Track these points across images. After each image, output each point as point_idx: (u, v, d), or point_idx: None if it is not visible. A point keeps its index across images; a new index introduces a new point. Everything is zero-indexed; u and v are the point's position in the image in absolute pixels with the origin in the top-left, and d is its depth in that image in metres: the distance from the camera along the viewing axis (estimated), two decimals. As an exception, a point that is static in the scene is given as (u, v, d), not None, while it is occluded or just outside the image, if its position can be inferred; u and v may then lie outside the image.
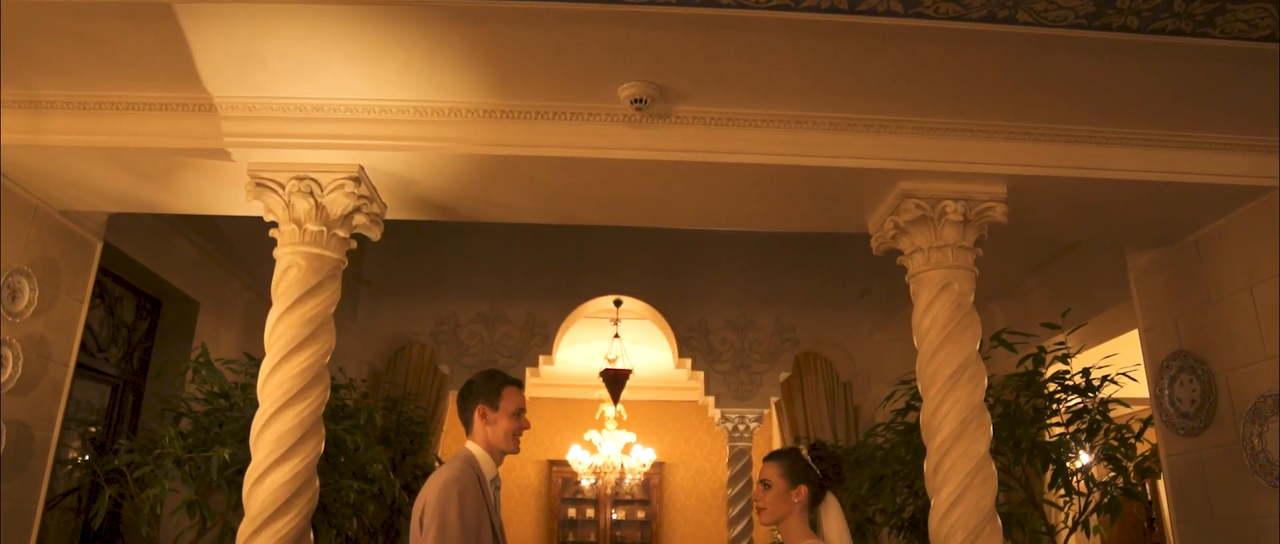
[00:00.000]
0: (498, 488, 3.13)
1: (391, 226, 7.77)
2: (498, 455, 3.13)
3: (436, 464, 6.97)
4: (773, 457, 3.05)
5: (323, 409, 3.58)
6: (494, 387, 3.14)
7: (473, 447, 3.11)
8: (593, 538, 12.12)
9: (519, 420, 3.14)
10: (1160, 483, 9.92)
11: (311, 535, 3.51)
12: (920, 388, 3.85)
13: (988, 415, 3.72)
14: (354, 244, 3.93)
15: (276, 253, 3.76)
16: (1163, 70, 3.38)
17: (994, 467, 3.66)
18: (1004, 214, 3.92)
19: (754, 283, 7.83)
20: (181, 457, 4.27)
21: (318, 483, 3.55)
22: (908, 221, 3.89)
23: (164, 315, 6.29)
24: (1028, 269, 6.56)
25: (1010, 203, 3.94)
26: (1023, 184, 3.91)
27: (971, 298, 3.85)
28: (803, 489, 2.94)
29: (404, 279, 7.69)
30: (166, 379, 5.26)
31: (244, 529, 3.39)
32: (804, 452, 3.01)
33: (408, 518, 6.49)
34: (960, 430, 3.63)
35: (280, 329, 3.60)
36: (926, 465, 3.75)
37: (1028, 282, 6.59)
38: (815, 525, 2.97)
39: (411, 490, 6.53)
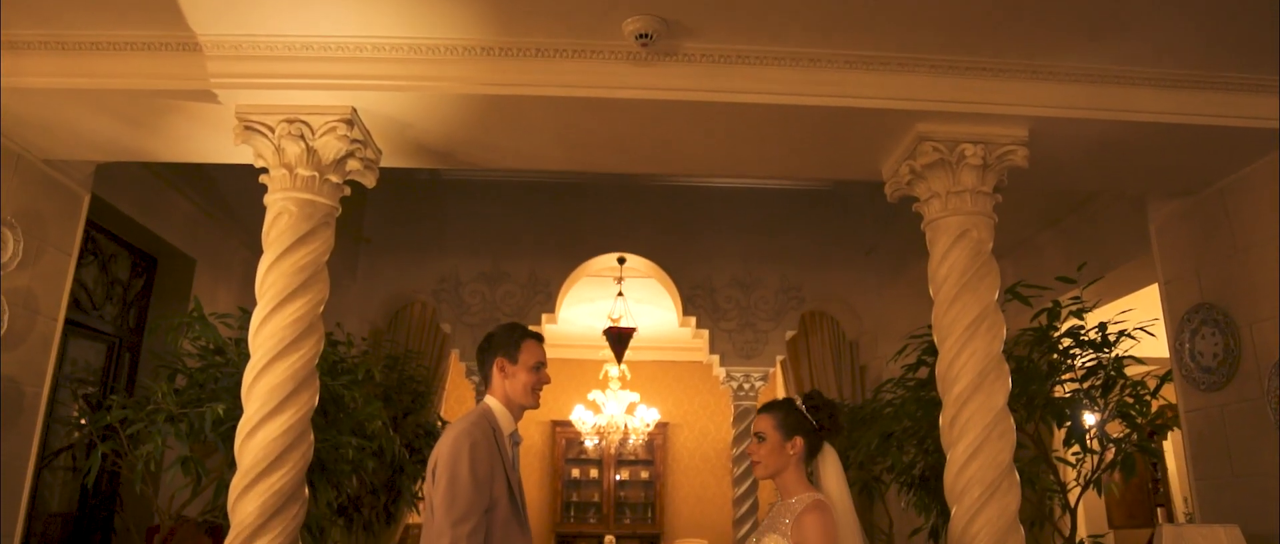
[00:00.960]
0: (517, 444, 3.00)
1: (391, 183, 7.66)
2: (516, 411, 3.01)
3: (439, 423, 6.85)
4: (767, 408, 2.92)
5: (316, 361, 3.43)
6: (513, 339, 3.01)
7: (491, 401, 2.99)
8: (596, 498, 12.06)
9: (539, 375, 3.01)
10: (1166, 443, 9.83)
11: (307, 491, 3.37)
12: (936, 339, 3.68)
13: (1006, 367, 3.56)
14: (347, 191, 3.75)
15: (267, 199, 3.58)
16: (1192, 7, 3.18)
17: (1012, 420, 3.51)
18: (1025, 158, 3.73)
19: (760, 240, 7.66)
20: (175, 413, 4.12)
21: (312, 437, 3.41)
22: (924, 166, 3.71)
23: (160, 273, 6.15)
24: (1040, 224, 6.38)
25: (1031, 147, 3.75)
26: (1044, 127, 3.72)
27: (990, 245, 3.67)
28: (798, 440, 2.82)
29: (405, 237, 7.53)
30: (160, 335, 5.10)
31: (236, 484, 3.25)
32: (799, 402, 2.89)
33: (410, 476, 6.39)
34: (978, 382, 3.47)
35: (271, 278, 3.43)
36: (942, 418, 3.59)
37: (1040, 237, 6.41)
38: (812, 478, 2.85)
39: (413, 449, 6.41)
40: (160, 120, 3.83)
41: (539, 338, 3.09)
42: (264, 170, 3.67)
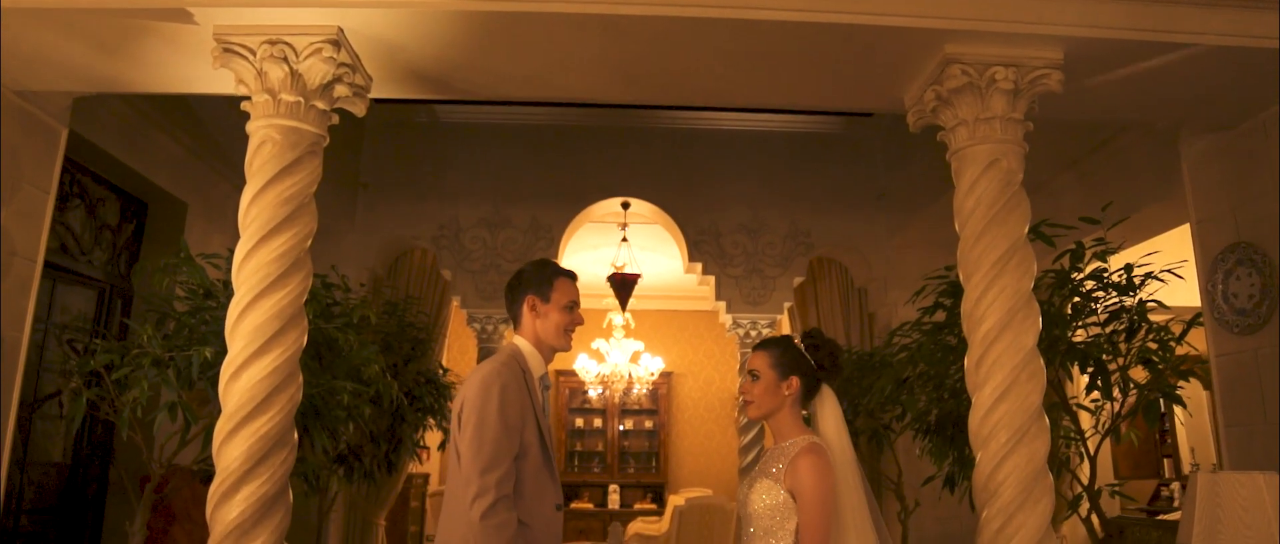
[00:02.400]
0: (546, 388, 2.79)
1: (389, 127, 7.38)
2: (547, 352, 2.82)
3: (440, 371, 6.64)
4: (763, 345, 2.71)
5: (304, 298, 3.19)
6: (545, 277, 2.82)
7: (520, 341, 2.79)
8: (600, 448, 11.92)
9: (572, 315, 2.83)
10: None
11: (296, 435, 3.15)
12: (961, 276, 3.43)
13: (1036, 305, 3.32)
14: (335, 119, 3.48)
15: (249, 127, 3.32)
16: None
17: (1042, 361, 3.28)
18: (1059, 83, 3.44)
19: (767, 185, 7.39)
20: (161, 357, 3.90)
21: (301, 379, 3.18)
22: (951, 91, 3.42)
23: (151, 217, 5.92)
24: (1060, 165, 6.11)
25: (1064, 71, 3.47)
26: (1079, 49, 3.42)
27: (1020, 176, 3.41)
28: (794, 381, 2.62)
29: (404, 182, 7.27)
30: (147, 279, 4.87)
31: (221, 427, 3.03)
32: (797, 340, 2.67)
33: (411, 425, 6.20)
34: (1006, 321, 3.23)
35: (255, 210, 3.19)
36: (968, 360, 3.36)
37: (1059, 179, 6.14)
38: (809, 421, 2.66)
39: (414, 397, 6.21)
40: (135, 45, 3.54)
41: (572, 275, 2.89)
42: (246, 98, 3.40)
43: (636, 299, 8.22)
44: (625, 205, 7.35)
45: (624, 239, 7.78)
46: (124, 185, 5.59)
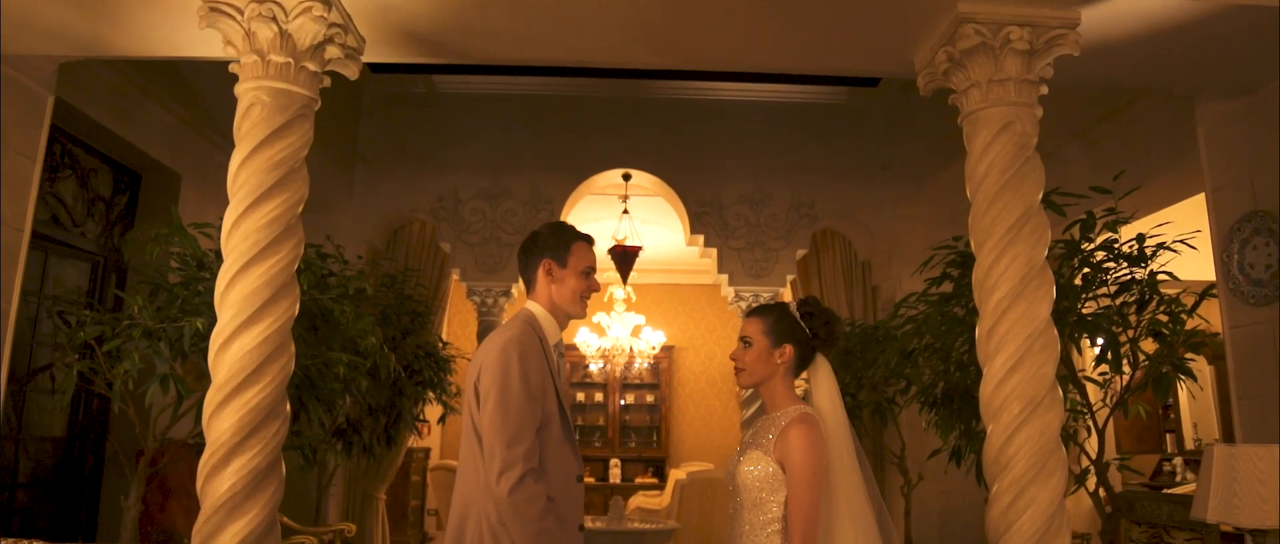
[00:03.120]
0: (561, 356, 2.66)
1: (386, 98, 7.24)
2: (562, 318, 2.69)
3: (439, 344, 6.54)
4: (756, 311, 2.60)
5: (295, 266, 3.08)
6: (563, 240, 2.68)
7: (534, 307, 2.66)
8: (601, 422, 11.85)
9: (588, 281, 2.70)
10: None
11: (288, 407, 3.05)
12: (973, 243, 3.32)
13: (1050, 273, 3.20)
14: (327, 82, 3.35)
15: (237, 90, 3.19)
16: None
17: (1056, 331, 3.17)
18: (1075, 45, 3.31)
19: (770, 156, 7.25)
20: (152, 328, 3.79)
21: (293, 349, 3.07)
22: (964, 52, 3.29)
23: (145, 189, 5.79)
24: (1066, 135, 5.97)
25: (1082, 33, 3.33)
26: (1098, 8, 3.29)
27: (1035, 141, 3.29)
28: (788, 349, 2.51)
29: (402, 153, 7.13)
30: (138, 250, 4.76)
31: (211, 399, 2.93)
32: (793, 308, 2.56)
33: (410, 398, 6.11)
34: (1020, 289, 3.11)
35: (244, 175, 3.07)
36: (979, 330, 3.25)
37: (1066, 149, 6.00)
38: (807, 398, 2.54)
39: (413, 371, 6.12)
40: (121, 7, 3.41)
41: (590, 240, 2.75)
42: (235, 61, 3.26)
43: (638, 273, 8.11)
44: (626, 177, 7.22)
45: (625, 211, 7.65)
46: (116, 156, 5.46)
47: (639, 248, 7.41)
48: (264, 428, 2.92)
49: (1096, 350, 4.46)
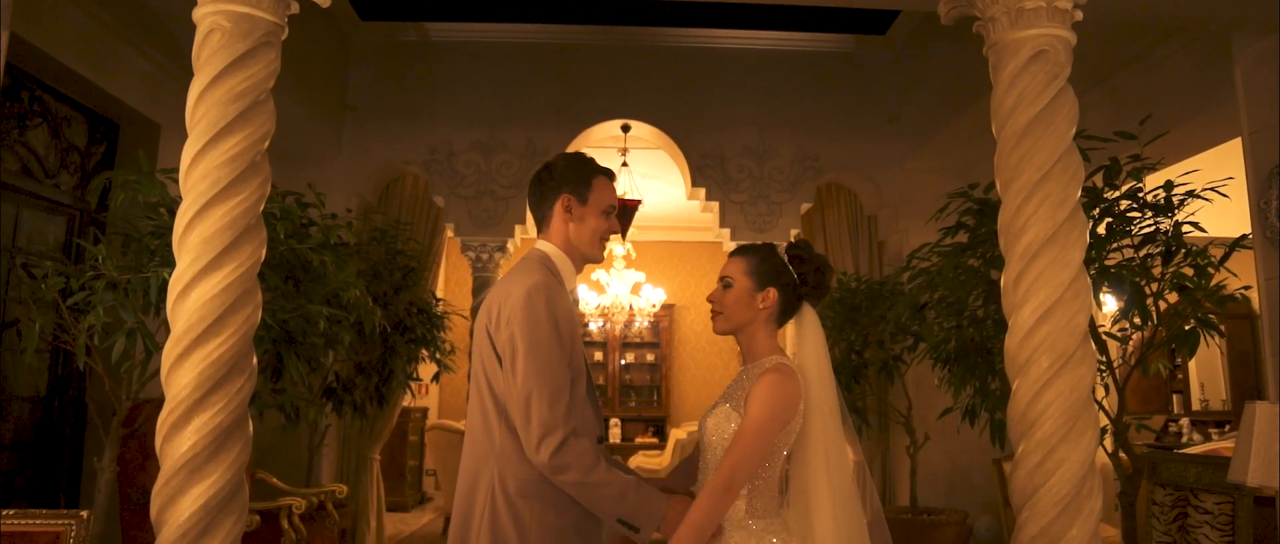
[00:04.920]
0: (575, 303, 2.35)
1: (377, 47, 6.88)
2: (579, 261, 2.37)
3: (432, 299, 6.27)
4: (740, 251, 2.34)
5: (261, 206, 2.78)
6: (583, 174, 2.35)
7: (548, 247, 2.34)
8: (601, 381, 11.63)
9: (609, 220, 2.37)
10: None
11: (254, 360, 2.77)
12: (999, 184, 3.01)
13: (1083, 216, 2.90)
14: (295, 8, 3.03)
15: (195, 15, 2.86)
16: None
17: (1088, 279, 2.87)
18: (1113, -34, 2.99)
19: (774, 107, 6.91)
20: (117, 279, 3.51)
21: (259, 297, 2.79)
22: (993, -28, 2.97)
23: (123, 139, 5.49)
24: (1086, 83, 5.61)
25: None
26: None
27: (1068, 71, 2.97)
28: (772, 293, 2.25)
29: (393, 104, 6.80)
30: (108, 198, 4.46)
31: (168, 351, 2.65)
32: (781, 250, 2.30)
33: (401, 356, 5.84)
34: (1052, 232, 2.81)
35: (203, 108, 2.76)
36: (1005, 277, 2.95)
37: (1085, 98, 5.59)
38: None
39: (406, 329, 5.84)
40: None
41: (611, 175, 2.42)
42: (196, -16, 2.94)
43: (638, 230, 7.83)
44: (625, 129, 6.89)
45: (624, 164, 7.33)
46: (92, 104, 5.17)
47: (638, 201, 7.10)
48: (227, 383, 2.64)
49: (1115, 306, 4.20)
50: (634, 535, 2.13)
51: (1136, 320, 4.14)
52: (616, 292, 9.61)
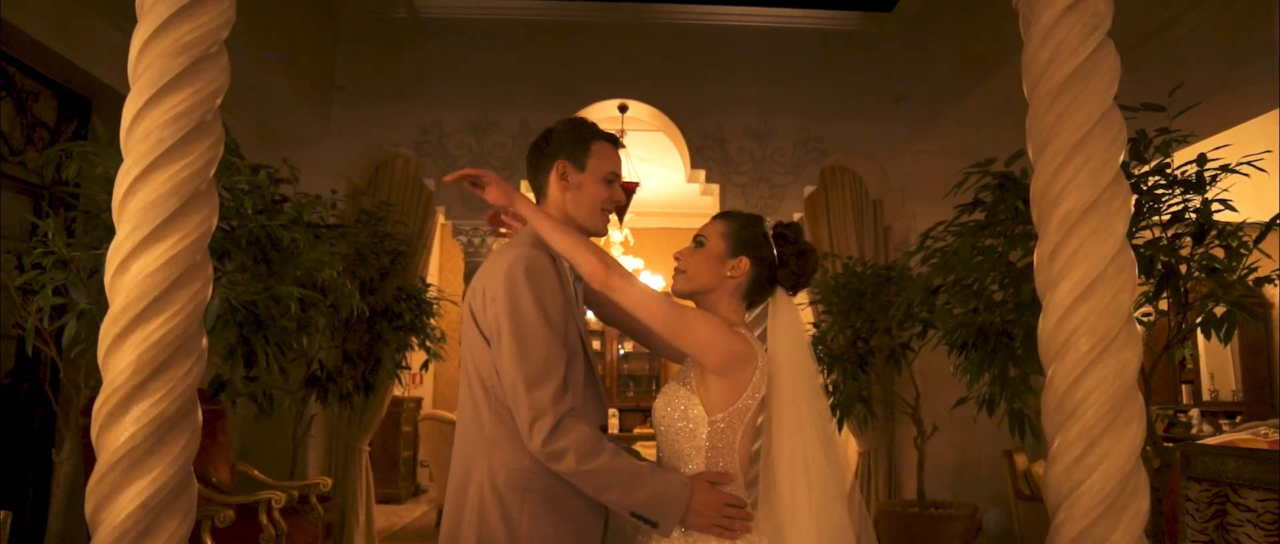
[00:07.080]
0: (579, 281, 2.12)
1: (366, 24, 6.54)
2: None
3: (420, 284, 5.94)
4: (720, 215, 2.10)
5: (211, 170, 2.45)
6: (581, 138, 2.13)
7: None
8: (599, 371, 11.31)
9: (612, 189, 2.14)
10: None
11: (204, 342, 2.44)
12: (1032, 150, 2.68)
13: (1126, 183, 2.58)
14: (253, -48, 2.70)
15: (139, -43, 2.54)
16: None
17: (1132, 253, 2.55)
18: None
19: (777, 87, 6.58)
20: (66, 257, 3.19)
21: (210, 272, 2.46)
22: (1026, -88, 2.63)
23: (96, 115, 5.17)
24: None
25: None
26: None
27: (1109, 22, 2.64)
28: (744, 262, 2.01)
29: (383, 84, 6.46)
30: (55, 168, 4.13)
31: (106, 331, 2.32)
32: (767, 224, 2.07)
33: (388, 343, 5.52)
34: (1093, 199, 2.48)
35: (146, 61, 2.42)
36: (1038, 252, 2.62)
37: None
38: (764, 338, 2.03)
39: (393, 315, 5.52)
40: None
41: (614, 140, 2.17)
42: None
43: (636, 216, 7.51)
44: (623, 109, 6.56)
45: (622, 146, 6.99)
46: (61, 79, 4.85)
47: (636, 183, 6.77)
48: (171, 367, 2.31)
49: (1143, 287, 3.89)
50: (655, 532, 1.89)
51: (1165, 305, 3.84)
52: (614, 279, 9.28)
